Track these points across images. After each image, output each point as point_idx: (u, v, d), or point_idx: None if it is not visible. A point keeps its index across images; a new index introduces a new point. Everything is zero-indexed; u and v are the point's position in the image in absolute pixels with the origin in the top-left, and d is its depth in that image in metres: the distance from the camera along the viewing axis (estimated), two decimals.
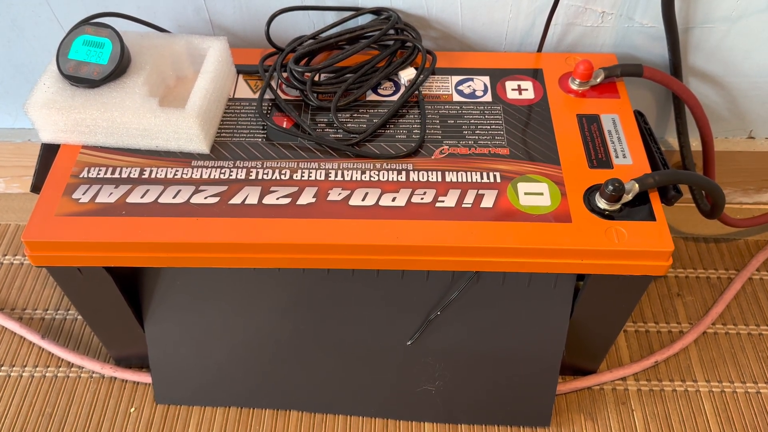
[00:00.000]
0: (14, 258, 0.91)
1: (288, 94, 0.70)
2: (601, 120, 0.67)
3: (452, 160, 0.64)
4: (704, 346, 0.82)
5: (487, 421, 0.75)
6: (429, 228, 0.59)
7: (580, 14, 0.74)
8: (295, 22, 0.76)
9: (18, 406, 0.77)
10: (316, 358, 0.71)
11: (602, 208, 0.60)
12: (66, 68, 0.62)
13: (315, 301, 0.68)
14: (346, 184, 0.62)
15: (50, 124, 0.63)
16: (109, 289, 0.66)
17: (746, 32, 0.74)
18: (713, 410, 0.77)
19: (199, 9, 0.74)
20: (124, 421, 0.76)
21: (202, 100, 0.63)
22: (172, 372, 0.74)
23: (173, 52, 0.67)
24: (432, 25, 0.76)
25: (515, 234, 0.58)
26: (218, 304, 0.69)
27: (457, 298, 0.67)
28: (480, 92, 0.70)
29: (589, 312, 0.68)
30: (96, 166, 0.63)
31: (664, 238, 0.58)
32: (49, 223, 0.59)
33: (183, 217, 0.59)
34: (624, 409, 0.77)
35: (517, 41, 0.77)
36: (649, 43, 0.76)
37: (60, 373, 0.80)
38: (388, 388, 0.73)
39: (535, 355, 0.69)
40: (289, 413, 0.76)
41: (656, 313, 0.85)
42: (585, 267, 0.60)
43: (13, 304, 0.86)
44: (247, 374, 0.73)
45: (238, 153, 0.64)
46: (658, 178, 0.60)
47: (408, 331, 0.69)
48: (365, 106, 0.69)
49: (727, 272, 0.89)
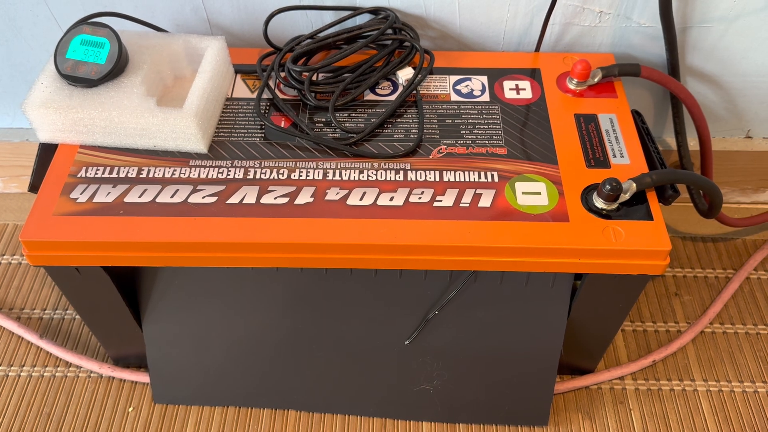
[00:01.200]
0: (12, 257, 0.91)
1: (286, 93, 0.70)
2: (599, 119, 0.67)
3: (450, 159, 0.64)
4: (702, 345, 0.82)
5: (485, 421, 0.75)
6: (427, 227, 0.59)
7: (578, 14, 0.74)
8: (293, 21, 0.76)
9: (16, 405, 0.77)
10: (314, 358, 0.71)
11: (600, 207, 0.60)
12: (64, 68, 0.62)
13: (313, 300, 0.68)
14: (344, 184, 0.62)
15: (48, 124, 0.63)
16: (107, 289, 0.66)
17: (744, 32, 0.74)
18: (711, 409, 0.77)
19: (197, 8, 0.75)
20: (122, 421, 0.76)
21: (200, 100, 0.63)
22: (170, 371, 0.74)
23: (171, 52, 0.67)
24: (430, 24, 0.76)
25: (513, 233, 0.58)
26: (216, 303, 0.69)
27: (455, 297, 0.67)
28: (478, 92, 0.70)
29: (587, 311, 0.68)
30: (94, 166, 0.63)
31: (662, 237, 0.58)
32: (47, 223, 0.59)
33: (181, 217, 0.59)
34: (622, 408, 0.77)
35: (514, 41, 0.77)
36: (647, 43, 0.76)
37: (58, 372, 0.80)
38: (386, 387, 0.73)
39: (533, 355, 0.69)
40: (287, 413, 0.76)
41: (654, 312, 0.85)
42: (582, 266, 0.60)
43: (11, 303, 0.86)
44: (245, 374, 0.73)
45: (236, 152, 0.64)
46: (656, 178, 0.60)
47: (406, 331, 0.69)
48: (363, 105, 0.69)
49: (724, 272, 0.89)
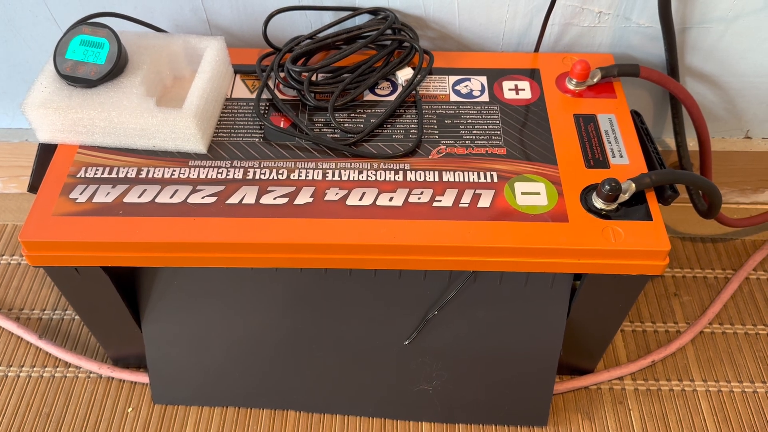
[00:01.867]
0: (11, 258, 0.91)
1: (285, 94, 0.70)
2: (598, 120, 0.67)
3: (449, 159, 0.64)
4: (701, 345, 0.82)
5: (484, 421, 0.75)
6: (426, 228, 0.59)
7: (577, 14, 0.74)
8: (292, 21, 0.76)
9: (15, 406, 0.77)
10: (314, 358, 0.71)
11: (599, 207, 0.60)
12: (63, 68, 0.62)
13: (312, 300, 0.68)
14: (344, 184, 0.62)
15: (47, 124, 0.63)
16: (106, 289, 0.66)
17: (743, 32, 0.74)
18: (710, 410, 0.77)
19: (196, 9, 0.74)
20: (121, 421, 0.76)
21: (200, 100, 0.63)
22: (169, 372, 0.74)
23: (170, 52, 0.67)
24: (429, 25, 0.76)
25: (512, 234, 0.58)
26: (216, 303, 0.69)
27: (455, 297, 0.67)
28: (477, 92, 0.70)
29: (586, 311, 0.68)
30: (93, 166, 0.63)
31: (661, 237, 0.58)
32: (47, 223, 0.59)
33: (180, 217, 0.59)
34: (621, 408, 0.77)
35: (514, 41, 0.77)
36: (646, 43, 0.76)
37: (57, 373, 0.80)
38: (385, 387, 0.73)
39: (533, 355, 0.69)
40: (287, 413, 0.76)
41: (653, 312, 0.85)
42: (582, 267, 0.60)
43: (11, 304, 0.86)
44: (244, 374, 0.73)
45: (236, 153, 0.64)
46: (655, 178, 0.60)
47: (405, 331, 0.69)
48: (362, 106, 0.69)
49: (724, 272, 0.89)
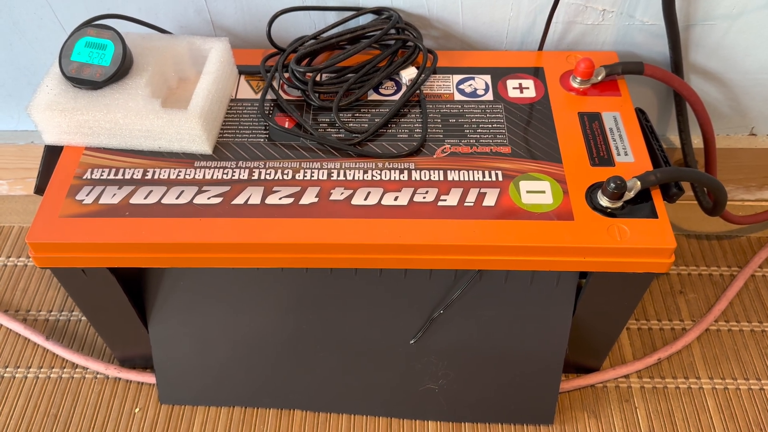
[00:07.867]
0: (18, 260, 0.91)
1: (290, 94, 0.70)
2: (603, 118, 0.67)
3: (454, 158, 0.64)
4: (707, 343, 0.82)
5: (490, 420, 0.75)
6: (431, 227, 0.59)
7: (581, 12, 0.74)
8: (296, 22, 0.76)
9: (23, 407, 0.78)
10: (320, 358, 0.71)
11: (604, 205, 0.60)
12: (68, 70, 0.62)
13: (318, 300, 0.69)
14: (349, 184, 0.62)
15: (53, 126, 0.63)
16: (112, 290, 0.66)
17: (747, 29, 0.74)
18: (716, 407, 0.77)
19: (200, 10, 0.75)
20: (128, 422, 0.76)
21: (205, 101, 0.63)
22: (176, 372, 0.74)
23: (175, 54, 0.67)
24: (433, 24, 0.76)
25: (517, 232, 0.58)
26: (222, 304, 0.70)
27: (460, 296, 0.67)
28: (481, 91, 0.70)
29: (592, 310, 0.68)
30: (99, 168, 0.63)
31: (667, 235, 0.58)
32: (53, 225, 0.59)
33: (186, 218, 0.60)
34: (627, 406, 0.77)
35: (518, 40, 0.77)
36: (650, 41, 0.76)
37: (64, 374, 0.80)
38: (391, 387, 0.73)
39: (538, 353, 0.69)
40: (293, 413, 0.76)
41: (659, 310, 0.85)
42: (587, 265, 0.60)
43: (18, 305, 0.87)
44: (250, 374, 0.73)
45: (241, 153, 0.65)
46: (660, 176, 0.60)
47: (411, 330, 0.69)
48: (367, 105, 0.69)
49: (729, 269, 0.89)
